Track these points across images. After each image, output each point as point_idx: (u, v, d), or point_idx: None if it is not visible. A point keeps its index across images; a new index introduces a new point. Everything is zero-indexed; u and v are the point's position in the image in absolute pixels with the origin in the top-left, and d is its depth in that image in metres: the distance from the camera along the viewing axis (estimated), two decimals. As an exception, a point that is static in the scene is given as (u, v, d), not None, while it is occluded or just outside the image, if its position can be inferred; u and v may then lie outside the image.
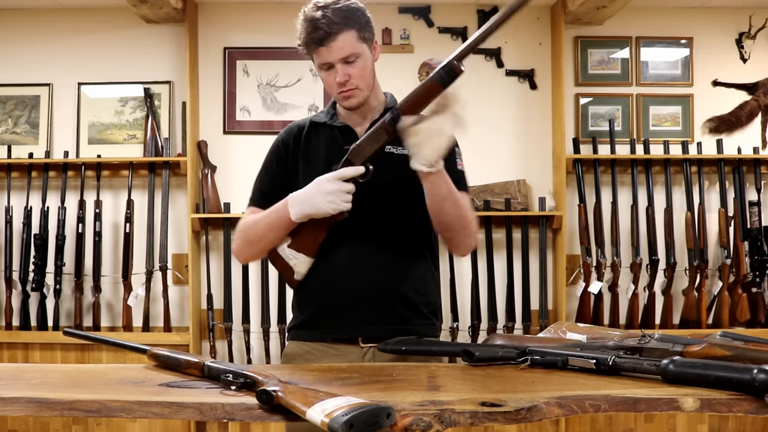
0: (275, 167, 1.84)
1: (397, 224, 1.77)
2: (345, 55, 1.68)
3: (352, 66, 1.70)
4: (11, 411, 1.11)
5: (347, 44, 1.68)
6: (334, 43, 1.67)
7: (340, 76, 1.69)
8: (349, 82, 1.71)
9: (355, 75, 1.71)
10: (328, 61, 1.69)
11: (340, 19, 1.66)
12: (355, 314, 1.73)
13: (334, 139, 1.80)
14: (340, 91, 1.72)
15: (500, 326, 3.59)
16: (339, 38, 1.67)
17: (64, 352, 3.55)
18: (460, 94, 1.60)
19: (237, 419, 1.10)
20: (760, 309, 3.62)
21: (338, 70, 1.69)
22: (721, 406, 1.08)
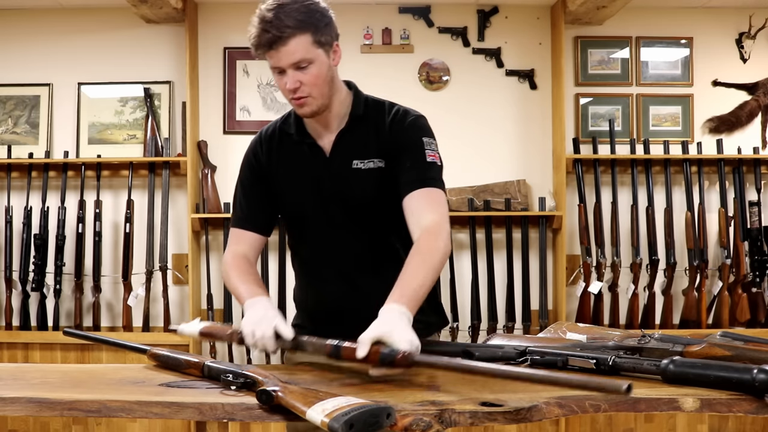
0: (254, 184, 1.79)
1: (377, 236, 1.73)
2: (295, 61, 1.58)
3: (303, 72, 1.59)
4: (11, 411, 1.11)
5: (299, 49, 1.57)
6: (284, 47, 1.56)
7: (290, 83, 1.60)
8: (300, 89, 1.60)
9: (307, 82, 1.60)
10: (279, 66, 1.60)
11: (293, 21, 1.55)
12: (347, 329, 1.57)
13: (303, 157, 1.74)
14: (292, 98, 1.63)
15: (500, 326, 3.59)
16: (290, 43, 1.56)
17: (64, 352, 3.55)
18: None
19: (237, 419, 1.10)
20: (760, 309, 3.61)
21: (289, 76, 1.60)
22: (721, 406, 1.08)
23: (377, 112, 1.73)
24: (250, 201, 1.80)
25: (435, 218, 1.60)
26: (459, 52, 3.76)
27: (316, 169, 1.72)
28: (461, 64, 3.76)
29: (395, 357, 1.11)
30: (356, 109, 1.72)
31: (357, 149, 1.69)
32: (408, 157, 1.66)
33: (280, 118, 1.82)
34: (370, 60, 3.73)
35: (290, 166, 1.75)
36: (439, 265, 1.54)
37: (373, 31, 3.73)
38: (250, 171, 1.81)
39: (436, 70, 3.76)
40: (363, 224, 1.71)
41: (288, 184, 1.75)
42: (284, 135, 1.77)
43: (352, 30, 3.73)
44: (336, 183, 1.69)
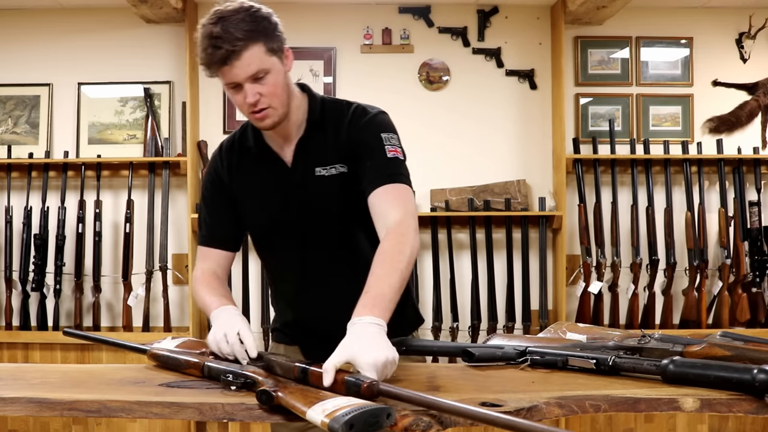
0: (217, 200, 1.75)
1: (348, 242, 1.68)
2: (252, 73, 1.51)
3: (261, 84, 1.53)
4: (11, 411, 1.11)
5: (253, 60, 1.50)
6: (238, 61, 1.49)
7: (249, 97, 1.52)
8: (260, 101, 1.54)
9: (267, 93, 1.54)
10: (235, 81, 1.52)
11: (242, 33, 1.49)
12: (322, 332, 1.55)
13: (265, 170, 1.68)
14: (253, 112, 1.55)
15: (500, 326, 3.59)
16: (244, 56, 1.49)
17: (64, 352, 3.55)
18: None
19: (237, 419, 1.10)
20: (760, 309, 3.62)
21: (247, 90, 1.52)
22: (721, 406, 1.08)
23: (335, 115, 1.66)
24: (214, 218, 1.75)
25: (399, 216, 1.52)
26: (459, 52, 3.76)
27: (279, 181, 1.66)
28: (461, 64, 3.76)
29: (360, 387, 1.09)
30: (313, 115, 1.66)
31: (318, 156, 1.63)
32: (368, 156, 1.59)
33: (238, 129, 1.76)
34: (370, 60, 3.73)
35: (252, 181, 1.70)
36: (407, 265, 1.46)
37: (373, 31, 3.73)
38: (212, 186, 1.76)
39: (436, 70, 3.76)
40: (332, 232, 1.66)
41: (252, 200, 1.70)
42: (243, 149, 1.71)
43: (352, 30, 3.73)
44: (300, 193, 1.64)
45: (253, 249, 1.84)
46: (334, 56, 3.73)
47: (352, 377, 1.11)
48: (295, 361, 1.24)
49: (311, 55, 3.73)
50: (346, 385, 1.11)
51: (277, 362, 1.28)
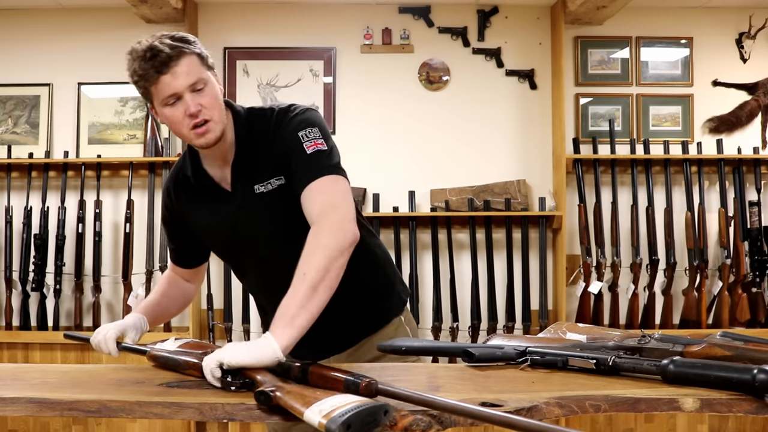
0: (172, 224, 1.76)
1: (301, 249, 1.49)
2: (193, 81, 1.48)
3: (201, 95, 1.49)
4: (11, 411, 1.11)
5: (193, 69, 1.49)
6: (178, 68, 1.46)
7: (192, 107, 1.48)
8: (201, 112, 1.49)
9: (207, 104, 1.50)
10: (174, 92, 1.47)
11: (177, 44, 1.48)
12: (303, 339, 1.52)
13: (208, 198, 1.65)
14: (194, 124, 1.50)
15: (500, 326, 3.59)
16: (182, 62, 1.47)
17: (64, 352, 3.55)
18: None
19: (237, 419, 1.10)
20: (760, 309, 3.61)
21: (188, 100, 1.48)
22: (721, 406, 1.08)
23: (262, 127, 1.60)
24: (174, 241, 1.81)
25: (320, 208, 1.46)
26: (459, 52, 3.76)
27: (223, 208, 1.63)
28: (461, 64, 3.76)
29: (359, 386, 1.10)
30: (240, 132, 1.60)
31: (255, 174, 1.58)
32: (292, 160, 1.54)
33: (179, 160, 1.72)
34: (370, 60, 3.73)
35: (199, 212, 1.68)
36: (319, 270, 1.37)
37: (373, 31, 3.73)
38: (167, 211, 1.76)
39: (436, 70, 3.76)
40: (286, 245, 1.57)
41: (203, 230, 1.70)
42: (185, 179, 1.67)
43: (352, 30, 3.73)
44: (246, 216, 1.60)
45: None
46: (334, 56, 3.73)
47: (351, 376, 1.11)
48: (295, 361, 1.25)
49: (311, 55, 3.73)
50: (345, 384, 1.11)
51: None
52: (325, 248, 1.40)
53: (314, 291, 1.36)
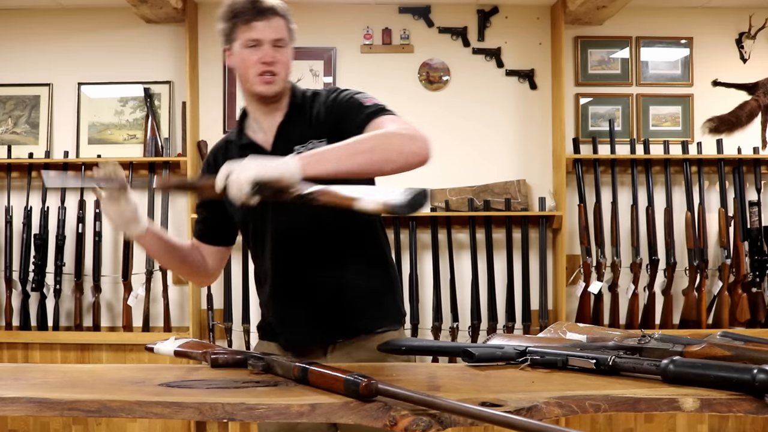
0: (206, 200, 1.82)
1: (335, 222, 1.67)
2: (279, 37, 1.64)
3: (279, 51, 1.65)
4: (11, 411, 1.11)
5: (281, 28, 1.65)
6: (272, 21, 1.63)
7: (268, 56, 1.63)
8: (274, 65, 1.64)
9: (281, 61, 1.66)
10: (259, 38, 1.63)
11: (278, 5, 1.66)
12: (303, 320, 1.70)
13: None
14: (263, 72, 1.64)
15: (500, 326, 3.59)
16: (277, 18, 1.64)
17: (64, 352, 3.55)
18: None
19: (237, 419, 1.10)
20: (760, 309, 3.62)
21: (266, 49, 1.63)
22: (721, 406, 1.08)
23: (314, 100, 1.73)
24: (205, 216, 1.83)
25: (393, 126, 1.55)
26: (459, 52, 3.76)
27: None
28: (461, 64, 3.76)
29: (359, 386, 1.10)
30: (295, 98, 1.74)
31: (297, 137, 1.67)
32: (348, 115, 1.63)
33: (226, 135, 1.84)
34: (370, 60, 3.73)
35: None
36: (377, 144, 1.48)
37: (373, 31, 3.73)
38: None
39: (436, 70, 3.76)
40: (311, 216, 1.64)
41: None
42: (229, 143, 1.78)
43: (352, 30, 3.73)
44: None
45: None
46: (334, 56, 3.73)
47: (350, 376, 1.11)
48: (295, 361, 1.25)
49: (311, 55, 3.73)
50: (345, 384, 1.11)
51: (277, 362, 1.29)
52: (387, 134, 1.52)
53: (353, 151, 1.45)
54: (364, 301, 1.73)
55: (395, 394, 1.06)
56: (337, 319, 1.71)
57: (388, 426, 1.04)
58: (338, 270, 1.70)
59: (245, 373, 1.35)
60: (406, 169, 1.54)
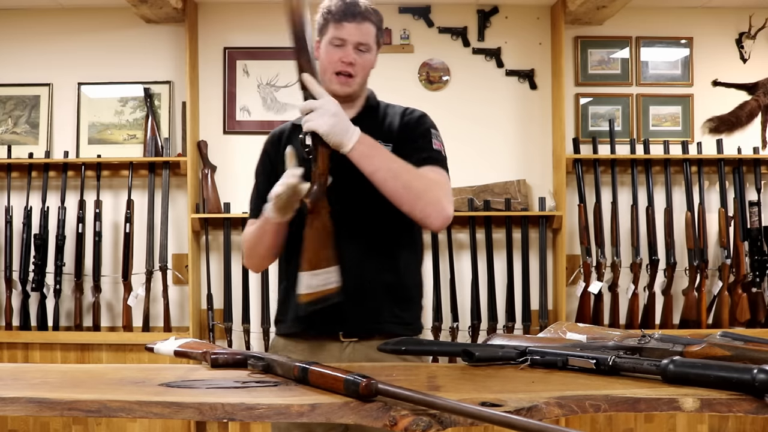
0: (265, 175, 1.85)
1: (368, 221, 1.75)
2: (363, 41, 1.73)
3: (361, 55, 1.74)
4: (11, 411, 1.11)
5: (369, 34, 1.74)
6: (362, 25, 1.72)
7: (349, 57, 1.72)
8: (353, 66, 1.73)
9: (360, 65, 1.74)
10: (345, 38, 1.72)
11: (372, 12, 1.76)
12: (333, 310, 1.71)
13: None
14: (340, 71, 1.73)
15: (500, 326, 3.59)
16: (367, 24, 1.74)
17: (64, 352, 3.55)
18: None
19: (237, 419, 1.10)
20: (760, 309, 3.62)
21: (349, 51, 1.72)
22: (721, 406, 1.08)
23: (388, 108, 1.86)
24: (260, 194, 1.84)
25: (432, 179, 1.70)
26: (459, 52, 3.76)
27: None
28: (461, 64, 3.76)
29: (359, 386, 1.10)
30: (371, 101, 1.86)
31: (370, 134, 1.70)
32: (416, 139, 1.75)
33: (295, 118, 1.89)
34: (370, 60, 3.73)
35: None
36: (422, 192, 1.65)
37: (373, 31, 3.73)
38: (261, 166, 1.89)
39: (436, 70, 3.76)
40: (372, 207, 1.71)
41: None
42: (295, 127, 1.85)
43: (352, 30, 3.73)
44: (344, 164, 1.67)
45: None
46: (334, 56, 3.73)
47: (350, 376, 1.11)
48: (295, 361, 1.25)
49: (311, 55, 3.73)
50: (344, 384, 1.11)
51: (277, 362, 1.29)
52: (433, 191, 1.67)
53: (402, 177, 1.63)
54: (399, 305, 1.79)
55: (395, 394, 1.06)
56: (367, 316, 1.75)
57: (388, 426, 1.04)
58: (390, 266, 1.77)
59: (245, 373, 1.35)
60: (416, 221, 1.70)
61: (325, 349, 1.75)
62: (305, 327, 1.77)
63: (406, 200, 1.65)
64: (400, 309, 1.79)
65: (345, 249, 1.71)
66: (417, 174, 1.67)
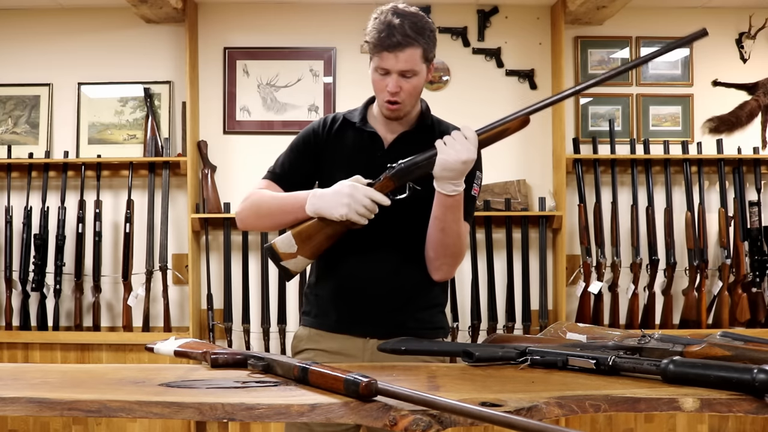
0: (303, 149, 1.86)
1: (409, 231, 1.79)
2: (406, 69, 1.70)
3: (407, 81, 1.72)
4: (11, 411, 1.11)
5: (412, 60, 1.70)
6: (401, 54, 1.68)
7: (392, 86, 1.71)
8: (398, 94, 1.72)
9: (407, 90, 1.72)
10: (387, 68, 1.70)
11: (414, 33, 1.68)
12: (365, 312, 1.79)
13: (361, 144, 1.83)
14: (388, 100, 1.73)
15: (500, 326, 3.59)
16: (407, 51, 1.68)
17: (64, 352, 3.55)
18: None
19: (237, 419, 1.10)
20: (760, 309, 3.61)
21: (393, 79, 1.71)
22: (721, 406, 1.08)
23: (442, 128, 1.85)
24: (292, 164, 1.86)
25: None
26: (459, 52, 3.76)
27: (372, 154, 1.79)
28: (461, 64, 3.76)
29: (359, 386, 1.10)
30: (425, 119, 1.85)
31: (416, 148, 1.72)
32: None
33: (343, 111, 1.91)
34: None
35: (346, 147, 1.83)
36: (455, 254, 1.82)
37: (373, 31, 3.72)
38: (304, 142, 1.87)
39: (436, 70, 3.76)
40: (411, 223, 1.77)
41: (338, 164, 1.81)
42: (347, 122, 1.86)
43: (352, 30, 3.73)
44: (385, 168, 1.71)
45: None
46: (334, 56, 3.73)
47: (350, 376, 1.11)
48: (295, 361, 1.25)
49: (311, 55, 3.73)
50: (344, 384, 1.11)
51: (277, 362, 1.29)
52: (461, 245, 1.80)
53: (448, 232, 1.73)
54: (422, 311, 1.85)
55: (395, 394, 1.06)
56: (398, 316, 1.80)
57: (388, 426, 1.04)
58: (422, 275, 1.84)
59: (245, 373, 1.35)
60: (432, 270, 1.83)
61: (348, 344, 1.80)
62: (331, 324, 1.83)
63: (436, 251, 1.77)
64: (430, 317, 1.87)
65: (384, 259, 1.79)
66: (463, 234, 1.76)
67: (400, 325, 1.78)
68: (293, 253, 1.73)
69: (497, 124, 1.80)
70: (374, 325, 1.79)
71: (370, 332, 1.79)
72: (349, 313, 1.81)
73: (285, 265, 1.75)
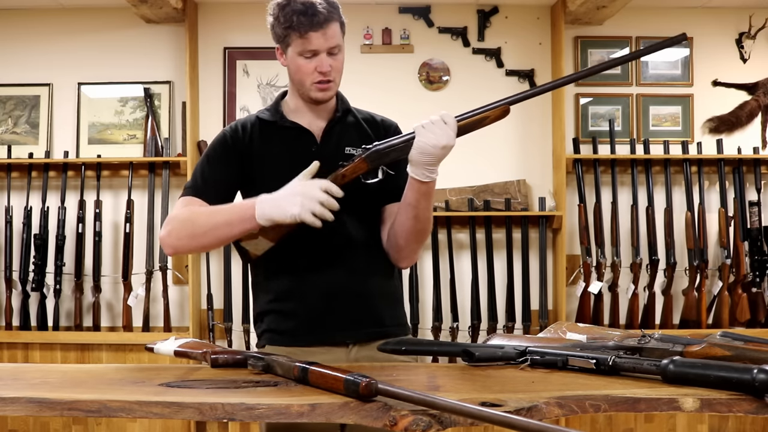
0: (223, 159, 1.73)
1: (366, 228, 1.74)
2: (334, 45, 1.67)
3: (334, 58, 1.69)
4: (11, 411, 1.11)
5: (337, 35, 1.68)
6: (329, 30, 1.65)
7: (324, 66, 1.66)
8: (330, 73, 1.68)
9: (335, 68, 1.70)
10: (316, 48, 1.65)
11: (330, 7, 1.66)
12: (331, 317, 1.70)
13: (290, 143, 1.73)
14: (319, 80, 1.67)
15: (500, 326, 3.59)
16: (332, 26, 1.66)
17: (64, 352, 3.55)
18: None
19: (237, 419, 1.10)
20: (760, 309, 3.62)
21: (323, 59, 1.66)
22: (721, 406, 1.08)
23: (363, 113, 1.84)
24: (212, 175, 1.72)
25: None
26: (459, 52, 3.76)
27: (305, 152, 1.70)
28: (461, 64, 3.76)
29: (359, 386, 1.10)
30: (345, 104, 1.81)
31: (348, 136, 1.73)
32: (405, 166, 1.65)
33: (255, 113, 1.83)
34: (370, 60, 3.73)
35: (275, 150, 1.72)
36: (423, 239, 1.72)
37: (373, 31, 3.73)
38: (222, 149, 1.74)
39: (436, 70, 3.76)
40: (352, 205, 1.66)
41: (272, 168, 1.70)
42: (265, 123, 1.76)
43: (352, 30, 3.70)
44: (327, 165, 1.64)
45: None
46: (334, 56, 3.72)
47: (350, 376, 1.11)
48: (295, 361, 1.25)
49: (311, 55, 3.73)
50: (344, 384, 1.11)
51: (277, 362, 1.29)
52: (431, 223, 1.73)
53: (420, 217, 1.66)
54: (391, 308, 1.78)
55: (395, 394, 1.06)
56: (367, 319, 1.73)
57: (388, 426, 1.04)
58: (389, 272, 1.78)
59: (245, 373, 1.35)
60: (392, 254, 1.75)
61: (332, 356, 1.68)
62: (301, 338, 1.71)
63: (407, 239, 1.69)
64: (397, 312, 1.80)
65: (354, 258, 1.70)
66: (429, 220, 1.69)
67: (377, 324, 1.72)
68: (254, 233, 1.62)
69: (477, 111, 1.74)
70: (354, 330, 1.70)
71: (352, 338, 1.70)
72: (324, 325, 1.69)
73: (244, 246, 1.65)
